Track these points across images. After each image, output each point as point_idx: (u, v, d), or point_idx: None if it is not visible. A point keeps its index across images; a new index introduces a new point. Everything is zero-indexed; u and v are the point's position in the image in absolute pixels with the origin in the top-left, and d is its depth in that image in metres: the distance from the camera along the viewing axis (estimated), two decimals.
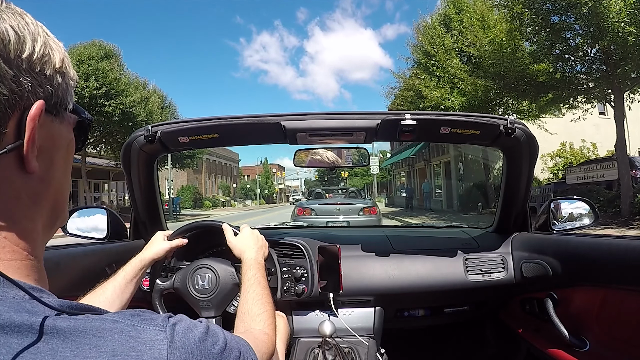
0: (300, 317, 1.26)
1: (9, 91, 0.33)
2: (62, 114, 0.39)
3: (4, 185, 0.34)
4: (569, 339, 1.01)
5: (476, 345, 1.60)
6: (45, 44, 0.37)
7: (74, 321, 0.31)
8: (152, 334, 0.33)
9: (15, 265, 0.34)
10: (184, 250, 1.17)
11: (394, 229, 1.91)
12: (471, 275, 1.24)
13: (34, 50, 0.35)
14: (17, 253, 0.35)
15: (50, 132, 0.37)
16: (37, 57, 0.35)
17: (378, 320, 1.26)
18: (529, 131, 1.13)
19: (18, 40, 0.34)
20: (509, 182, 1.28)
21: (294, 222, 6.43)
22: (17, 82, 0.33)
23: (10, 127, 0.33)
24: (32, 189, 0.36)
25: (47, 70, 0.36)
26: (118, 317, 0.33)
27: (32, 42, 0.35)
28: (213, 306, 1.03)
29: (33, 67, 0.35)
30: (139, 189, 1.25)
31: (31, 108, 0.34)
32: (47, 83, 0.36)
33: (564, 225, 1.32)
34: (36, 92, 0.35)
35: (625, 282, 0.89)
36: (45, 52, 0.36)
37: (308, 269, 1.21)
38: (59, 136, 0.39)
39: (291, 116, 1.12)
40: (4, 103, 0.32)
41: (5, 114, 0.33)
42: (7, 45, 0.33)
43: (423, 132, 1.14)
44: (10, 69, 0.33)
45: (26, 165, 0.35)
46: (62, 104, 0.39)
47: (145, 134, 1.12)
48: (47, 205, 0.39)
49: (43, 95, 0.36)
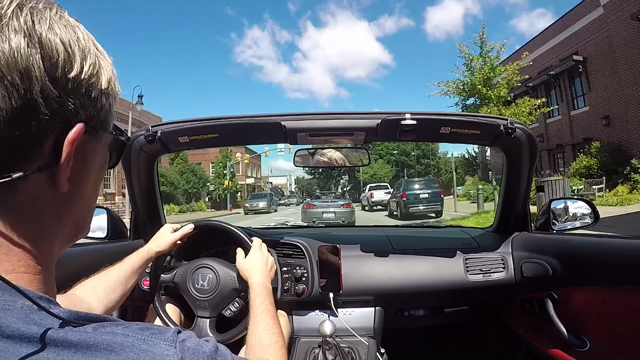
0: (300, 317, 1.26)
1: (51, 112, 0.31)
2: (100, 134, 0.38)
3: (32, 202, 0.33)
4: (569, 339, 1.01)
5: (476, 345, 1.60)
6: (95, 63, 0.35)
7: (85, 334, 0.31)
8: (163, 349, 0.32)
9: (27, 278, 0.34)
10: (185, 248, 1.17)
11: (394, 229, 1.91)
12: (471, 275, 1.24)
13: (82, 69, 0.33)
14: (32, 267, 0.34)
15: (85, 152, 0.36)
16: (84, 77, 0.33)
17: (378, 320, 1.26)
18: (529, 131, 1.13)
19: (67, 58, 0.32)
20: (509, 182, 1.28)
21: (303, 214, 12.12)
22: (60, 102, 0.32)
23: (47, 146, 0.32)
24: (59, 207, 0.36)
25: (93, 92, 0.35)
26: (129, 330, 0.33)
27: (82, 60, 0.33)
28: (209, 307, 1.03)
29: (79, 89, 0.33)
30: (139, 189, 1.26)
31: (70, 131, 0.33)
32: (91, 105, 0.35)
33: (564, 225, 1.32)
34: (78, 114, 0.33)
35: (625, 282, 0.89)
36: (94, 72, 0.34)
37: (308, 269, 1.21)
38: (94, 156, 0.38)
39: (291, 116, 1.12)
40: (44, 124, 0.31)
41: (43, 135, 0.31)
42: (56, 62, 0.31)
43: (423, 132, 1.14)
44: (55, 89, 0.31)
45: (58, 185, 0.34)
46: (104, 126, 0.38)
47: (146, 134, 1.12)
48: (71, 223, 0.38)
49: (84, 118, 0.34)
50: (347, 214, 11.45)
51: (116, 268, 0.87)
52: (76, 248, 1.13)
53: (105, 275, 0.84)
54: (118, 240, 1.32)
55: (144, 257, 0.93)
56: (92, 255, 1.16)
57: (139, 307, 1.29)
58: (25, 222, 0.33)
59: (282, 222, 11.93)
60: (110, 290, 0.81)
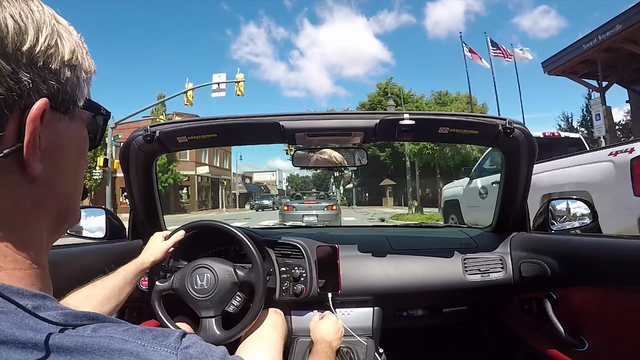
0: (298, 317, 1.26)
1: (6, 90, 0.29)
2: (72, 111, 0.36)
3: (3, 192, 0.31)
4: (567, 339, 1.01)
5: (475, 345, 1.60)
6: (53, 33, 0.33)
7: (81, 338, 0.29)
8: (162, 356, 0.30)
9: (18, 274, 0.32)
10: (183, 250, 1.17)
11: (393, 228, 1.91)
12: (470, 275, 1.25)
13: (37, 41, 0.31)
14: (20, 262, 0.33)
15: (57, 131, 0.34)
16: (40, 49, 0.31)
17: (377, 320, 1.26)
18: (528, 131, 1.14)
19: (18, 31, 0.30)
20: (507, 182, 1.28)
21: (281, 216, 10.61)
22: (15, 79, 0.30)
23: (10, 128, 0.30)
24: (35, 195, 0.33)
25: (53, 63, 0.33)
26: (128, 335, 0.31)
27: (36, 32, 0.31)
28: (212, 306, 1.03)
29: (35, 61, 0.31)
30: (138, 189, 1.25)
31: (32, 107, 0.31)
32: (53, 78, 0.33)
33: (563, 225, 1.32)
34: (38, 89, 0.31)
35: (624, 282, 0.89)
36: (52, 43, 0.32)
37: (307, 269, 1.21)
38: (68, 136, 0.36)
39: (290, 116, 1.12)
40: (0, 104, 0.29)
41: (3, 115, 0.30)
42: (5, 37, 0.29)
43: (422, 132, 1.14)
44: (8, 64, 0.29)
45: (28, 170, 0.32)
46: (72, 100, 0.35)
47: (144, 134, 1.12)
48: (53, 211, 0.36)
49: (47, 93, 0.32)
50: (332, 216, 10.13)
51: (111, 278, 0.85)
52: (75, 248, 1.13)
53: (101, 285, 0.82)
54: (117, 240, 1.32)
55: (138, 268, 0.92)
56: (91, 255, 1.16)
57: (137, 307, 1.28)
58: (3, 214, 0.31)
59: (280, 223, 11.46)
60: (105, 301, 0.80)
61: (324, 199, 11.81)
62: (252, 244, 1.07)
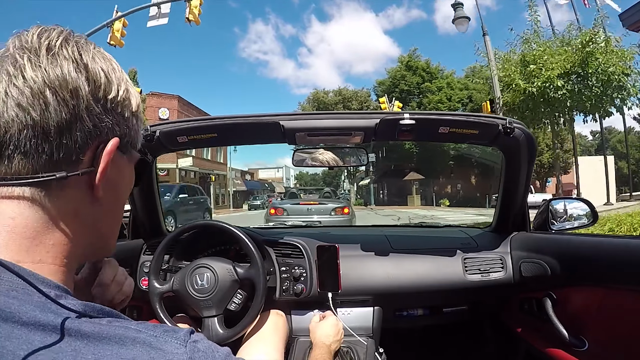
0: (299, 317, 1.26)
1: (93, 125, 0.38)
2: (131, 152, 0.44)
3: (71, 203, 0.38)
4: (567, 339, 1.01)
5: (475, 344, 1.60)
6: (127, 89, 0.41)
7: (98, 326, 0.33)
8: (173, 347, 0.34)
9: (52, 269, 0.37)
10: (183, 250, 1.17)
11: (393, 228, 1.91)
12: (470, 274, 1.25)
13: (118, 93, 0.40)
14: (58, 260, 0.38)
15: (119, 165, 0.42)
16: (119, 100, 0.40)
17: (377, 319, 1.26)
18: (528, 131, 1.14)
19: (106, 83, 0.39)
20: (507, 182, 1.28)
21: (266, 222, 6.61)
22: (100, 118, 0.38)
23: (87, 156, 0.38)
24: (92, 213, 0.41)
25: (126, 112, 0.41)
26: (141, 327, 0.34)
27: (118, 86, 0.40)
28: (214, 305, 1.03)
29: (115, 108, 0.40)
30: (138, 189, 1.25)
31: (108, 143, 0.39)
32: (124, 124, 0.41)
33: (563, 224, 1.32)
34: (114, 130, 0.40)
35: (624, 282, 0.89)
36: (127, 96, 0.41)
37: (307, 269, 1.21)
38: (124, 172, 0.44)
39: (290, 116, 1.12)
40: (87, 134, 0.37)
41: (86, 144, 0.38)
42: (99, 86, 0.38)
43: (422, 131, 1.14)
44: (97, 107, 0.38)
45: (95, 191, 0.39)
46: (133, 143, 0.44)
47: (144, 134, 1.12)
48: (98, 232, 0.43)
49: (119, 134, 0.40)
50: (344, 222, 6.73)
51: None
52: None
53: None
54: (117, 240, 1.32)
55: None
56: None
57: (137, 307, 1.29)
58: (62, 220, 0.38)
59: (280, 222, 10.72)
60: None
61: (330, 198, 8.68)
62: (252, 242, 1.08)
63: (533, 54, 9.50)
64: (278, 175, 62.38)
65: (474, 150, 14.66)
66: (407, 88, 28.12)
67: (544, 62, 9.24)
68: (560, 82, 9.00)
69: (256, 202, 30.97)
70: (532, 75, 9.36)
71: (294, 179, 66.54)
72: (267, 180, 54.44)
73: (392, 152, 28.91)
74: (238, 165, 41.01)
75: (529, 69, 9.35)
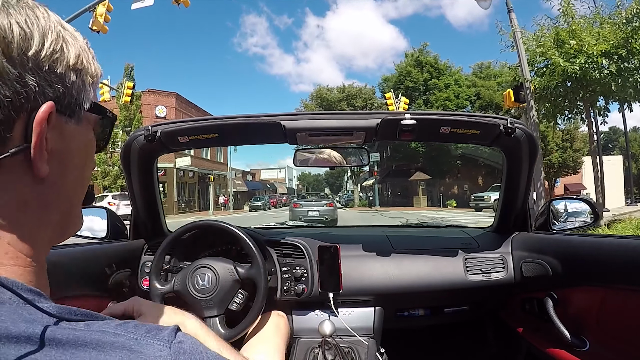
0: (300, 317, 1.26)
1: (13, 93, 0.31)
2: (78, 114, 0.37)
3: (10, 190, 0.32)
4: (568, 339, 1.01)
5: (476, 345, 1.60)
6: (58, 39, 0.34)
7: (74, 332, 0.30)
8: (156, 349, 0.30)
9: (17, 271, 0.33)
10: (183, 251, 1.17)
11: (394, 228, 1.91)
12: (471, 275, 1.25)
13: (43, 47, 0.33)
14: (20, 259, 0.33)
15: (63, 134, 0.35)
16: (45, 54, 0.33)
17: (378, 320, 1.26)
18: (529, 131, 1.14)
19: (24, 37, 0.32)
20: (508, 182, 1.28)
21: (291, 212, 13.91)
22: (21, 82, 0.31)
23: (17, 130, 0.32)
24: (41, 195, 0.34)
25: (59, 68, 0.34)
26: (121, 329, 0.31)
27: (41, 38, 0.33)
28: (215, 305, 1.03)
29: (41, 66, 0.33)
30: (139, 189, 1.26)
31: (39, 110, 0.32)
32: (58, 82, 0.34)
33: (564, 224, 1.32)
34: (44, 93, 0.33)
35: (625, 282, 0.89)
36: (57, 48, 0.34)
37: (308, 269, 1.22)
38: (74, 138, 0.37)
39: (291, 116, 1.13)
40: (8, 106, 0.30)
41: (10, 118, 0.31)
42: (11, 42, 0.31)
43: (423, 131, 1.14)
44: (14, 68, 0.31)
45: (35, 170, 0.33)
46: (78, 103, 0.37)
47: (145, 134, 1.12)
48: (57, 212, 0.37)
49: (53, 96, 0.34)
50: (330, 211, 13.58)
51: None
52: (76, 248, 1.13)
53: None
54: (118, 240, 1.33)
55: None
56: (92, 255, 1.16)
57: None
58: (8, 213, 0.33)
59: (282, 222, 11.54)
60: None
61: (323, 198, 16.31)
62: (253, 243, 1.08)
63: (572, 28, 7.81)
64: (280, 176, 62.46)
65: (481, 150, 14.68)
66: (412, 85, 27.06)
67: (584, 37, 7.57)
68: (604, 61, 7.40)
69: (257, 203, 30.61)
70: (570, 54, 7.67)
71: (297, 179, 66.44)
72: (269, 181, 54.50)
73: (397, 152, 28.27)
74: (239, 166, 41.26)
75: (567, 45, 7.70)
